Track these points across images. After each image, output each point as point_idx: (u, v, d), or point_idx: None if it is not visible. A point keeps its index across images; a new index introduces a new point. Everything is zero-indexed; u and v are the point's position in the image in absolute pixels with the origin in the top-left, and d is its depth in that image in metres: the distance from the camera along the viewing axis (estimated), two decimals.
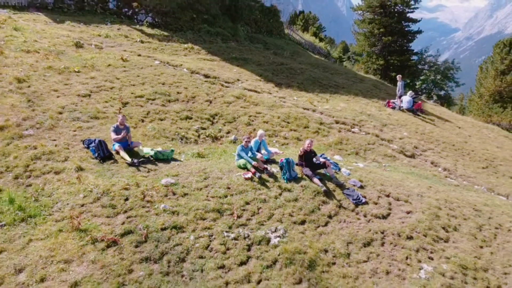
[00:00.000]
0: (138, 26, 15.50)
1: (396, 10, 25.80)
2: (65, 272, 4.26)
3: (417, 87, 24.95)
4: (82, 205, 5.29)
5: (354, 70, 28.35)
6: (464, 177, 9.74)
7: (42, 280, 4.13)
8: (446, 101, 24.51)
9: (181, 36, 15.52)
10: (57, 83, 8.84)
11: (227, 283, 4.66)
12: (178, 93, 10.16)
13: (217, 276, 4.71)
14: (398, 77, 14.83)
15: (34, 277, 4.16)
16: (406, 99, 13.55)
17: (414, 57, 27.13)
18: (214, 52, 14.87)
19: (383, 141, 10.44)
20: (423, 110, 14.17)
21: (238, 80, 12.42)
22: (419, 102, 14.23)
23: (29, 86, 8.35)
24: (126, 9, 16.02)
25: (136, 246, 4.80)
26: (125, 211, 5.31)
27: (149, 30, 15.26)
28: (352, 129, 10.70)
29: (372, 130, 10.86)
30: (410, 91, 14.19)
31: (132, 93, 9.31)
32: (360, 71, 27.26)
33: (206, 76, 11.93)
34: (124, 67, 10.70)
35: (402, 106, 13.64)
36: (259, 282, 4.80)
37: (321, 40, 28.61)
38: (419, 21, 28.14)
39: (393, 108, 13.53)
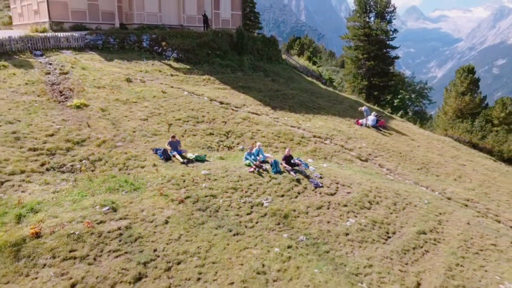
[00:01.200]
0: (166, 61, 20.07)
1: (377, 39, 30.43)
2: (161, 213, 8.61)
3: (395, 104, 29.49)
4: (161, 184, 9.67)
5: (347, 86, 32.95)
6: (400, 174, 14.04)
7: (153, 215, 8.49)
8: (419, 116, 28.89)
9: (199, 68, 20.08)
10: (125, 111, 13.33)
11: (240, 222, 8.99)
12: (203, 116, 14.62)
13: (234, 218, 9.05)
14: (360, 109, 19.08)
15: (148, 213, 8.51)
16: (371, 118, 17.90)
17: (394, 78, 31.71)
18: (225, 81, 19.40)
19: (346, 149, 14.79)
20: (385, 126, 18.49)
21: (244, 105, 16.88)
22: (382, 120, 18.57)
23: (109, 114, 12.83)
24: (157, 47, 20.61)
25: (193, 204, 9.16)
26: (184, 187, 9.68)
27: (175, 64, 19.83)
28: (325, 141, 15.07)
29: (339, 142, 15.23)
30: (374, 112, 18.57)
31: (173, 117, 13.77)
32: (348, 90, 31.80)
33: (221, 102, 16.40)
34: (164, 97, 15.20)
35: (368, 124, 17.98)
36: (257, 222, 9.13)
37: (314, 63, 33.32)
38: (397, 47, 32.73)
39: (361, 125, 17.87)
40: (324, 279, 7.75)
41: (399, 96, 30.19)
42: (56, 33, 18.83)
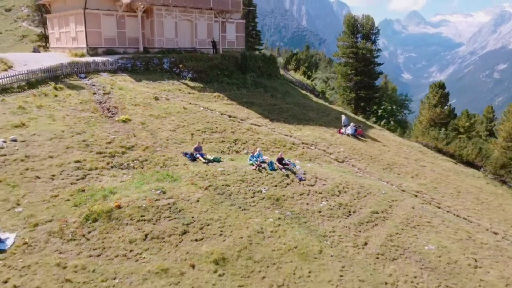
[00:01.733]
0: (183, 80, 24.37)
1: (364, 57, 34.82)
2: (194, 195, 12.80)
3: (379, 114, 33.76)
4: (191, 176, 13.87)
5: (338, 97, 37.33)
6: (368, 172, 18.22)
7: (189, 196, 12.71)
8: (401, 125, 33.16)
9: (210, 87, 24.38)
10: (158, 124, 17.59)
11: (246, 202, 13.18)
12: (216, 127, 18.87)
13: (242, 200, 13.25)
14: (343, 116, 23.33)
15: (185, 195, 12.70)
16: (350, 127, 22.13)
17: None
18: (232, 98, 23.67)
19: (327, 153, 19.01)
20: (362, 135, 22.68)
21: (248, 118, 21.13)
22: (360, 129, 22.79)
23: (147, 126, 17.09)
24: (175, 69, 24.91)
25: (214, 190, 13.37)
26: (207, 179, 13.89)
27: (190, 83, 24.12)
28: (310, 147, 19.30)
29: (322, 147, 19.46)
30: (352, 123, 22.82)
31: (194, 128, 18.02)
32: (339, 101, 36.14)
33: (230, 116, 20.66)
34: (186, 112, 19.46)
35: (347, 132, 22.19)
36: (257, 203, 13.33)
37: (308, 77, 37.65)
38: (382, 64, 37.09)
39: (342, 134, 22.08)
40: (301, 237, 11.93)
41: (382, 107, 34.56)
42: (95, 58, 23.17)
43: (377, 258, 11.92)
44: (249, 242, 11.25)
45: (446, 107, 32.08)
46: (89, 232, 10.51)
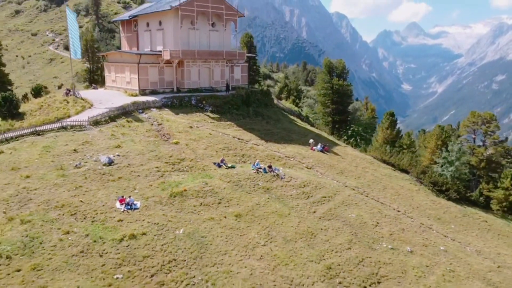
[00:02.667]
0: (206, 113, 35.40)
1: (338, 90, 46.18)
2: (222, 185, 23.69)
3: (349, 133, 44.83)
4: (219, 176, 24.68)
5: (320, 119, 48.54)
6: (325, 175, 29.06)
7: (219, 186, 23.66)
8: (366, 142, 44.07)
9: (224, 117, 35.37)
10: (196, 145, 28.51)
11: (250, 190, 24.07)
12: (230, 146, 29.75)
13: (248, 188, 24.03)
14: (311, 140, 34.37)
15: (218, 185, 23.64)
16: (319, 146, 33.08)
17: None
18: (239, 125, 34.65)
19: (300, 163, 29.90)
20: (328, 150, 33.59)
21: (250, 140, 32.08)
22: (327, 147, 33.68)
23: (190, 146, 27.99)
24: (200, 104, 35.92)
25: (233, 183, 24.14)
26: (228, 177, 24.59)
27: (211, 115, 35.14)
28: (290, 159, 30.22)
29: (298, 159, 30.36)
30: (319, 143, 33.74)
31: (217, 147, 28.92)
32: (320, 123, 47.35)
33: (238, 138, 31.61)
34: (211, 137, 30.35)
35: (317, 149, 33.09)
36: (256, 190, 24.24)
37: (297, 105, 48.97)
38: (351, 95, 48.43)
39: (314, 150, 32.96)
40: (279, 207, 22.74)
41: (351, 129, 45.61)
42: (147, 98, 34.27)
43: (320, 218, 22.77)
44: (252, 208, 22.10)
45: (395, 130, 43.11)
46: (173, 202, 21.40)
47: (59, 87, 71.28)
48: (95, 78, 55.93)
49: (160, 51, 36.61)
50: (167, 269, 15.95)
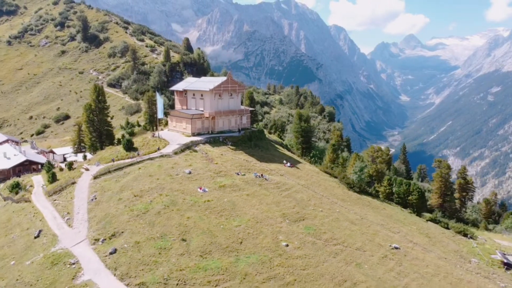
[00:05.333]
0: (228, 146, 65.88)
1: (305, 130, 77.44)
2: (239, 181, 54.71)
3: (311, 155, 75.16)
4: (239, 179, 55.65)
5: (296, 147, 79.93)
6: (290, 178, 59.86)
7: (238, 183, 54.84)
8: (320, 162, 74.55)
9: (238, 148, 65.51)
10: (226, 164, 58.76)
11: (253, 185, 55.15)
12: (243, 165, 60.47)
13: (252, 184, 55.12)
14: (284, 160, 65.30)
15: (238, 183, 54.77)
16: (288, 163, 63.76)
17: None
18: (246, 153, 64.73)
19: (277, 173, 60.56)
20: (293, 166, 64.20)
21: (252, 160, 62.28)
22: (292, 164, 64.21)
23: (222, 165, 58.75)
24: (225, 141, 66.06)
25: (245, 182, 54.97)
26: (243, 179, 55.25)
27: (230, 147, 65.04)
28: (272, 171, 60.94)
29: (276, 171, 60.99)
30: (289, 162, 64.22)
31: (236, 165, 59.74)
32: (295, 148, 78.72)
33: (246, 160, 61.69)
34: (232, 160, 60.22)
35: (287, 165, 63.79)
36: (255, 186, 55.41)
37: (280, 137, 79.65)
38: (315, 133, 79.74)
39: (286, 166, 63.49)
40: (265, 192, 53.19)
41: (312, 152, 75.96)
42: (196, 138, 65.06)
43: (283, 197, 53.24)
44: (253, 192, 51.86)
45: (335, 154, 73.58)
46: (220, 189, 51.65)
47: (111, 118, 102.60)
48: (153, 119, 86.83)
49: (202, 111, 67.71)
50: (220, 211, 46.52)
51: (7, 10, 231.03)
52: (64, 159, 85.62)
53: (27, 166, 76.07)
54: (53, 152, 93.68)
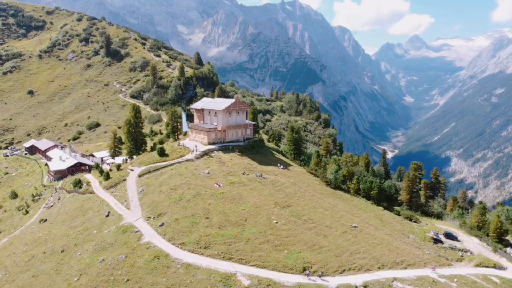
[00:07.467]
0: (236, 152, 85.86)
1: (296, 139, 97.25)
2: (245, 180, 75.22)
3: (301, 159, 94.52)
4: (245, 177, 76.03)
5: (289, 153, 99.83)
6: (282, 177, 79.68)
7: (245, 180, 75.37)
8: (307, 165, 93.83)
9: (244, 154, 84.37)
10: (234, 167, 79.04)
11: (255, 182, 75.59)
12: (248, 167, 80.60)
13: (254, 181, 75.55)
14: (279, 164, 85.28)
15: (245, 180, 75.39)
16: (281, 166, 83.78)
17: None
18: (250, 158, 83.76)
19: (273, 173, 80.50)
20: (286, 168, 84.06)
21: (254, 164, 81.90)
22: (284, 167, 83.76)
23: (232, 167, 78.85)
24: (233, 148, 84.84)
25: (249, 179, 75.21)
26: (247, 178, 75.90)
27: (238, 153, 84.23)
28: (269, 172, 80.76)
29: (273, 172, 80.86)
30: (282, 165, 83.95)
31: (243, 168, 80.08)
32: (289, 154, 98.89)
33: (249, 163, 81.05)
34: (239, 163, 79.85)
35: (281, 167, 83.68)
36: (256, 183, 75.87)
37: (277, 145, 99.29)
38: (306, 143, 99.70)
39: (279, 168, 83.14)
40: (263, 187, 73.59)
41: (301, 157, 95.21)
42: (212, 146, 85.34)
43: (276, 190, 73.51)
44: (255, 187, 71.60)
45: (319, 158, 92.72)
46: (230, 185, 72.18)
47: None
48: (175, 130, 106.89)
49: (216, 125, 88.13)
50: (231, 200, 66.68)
51: (36, 26, 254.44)
52: (102, 161, 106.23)
53: (78, 167, 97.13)
54: (93, 156, 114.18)
